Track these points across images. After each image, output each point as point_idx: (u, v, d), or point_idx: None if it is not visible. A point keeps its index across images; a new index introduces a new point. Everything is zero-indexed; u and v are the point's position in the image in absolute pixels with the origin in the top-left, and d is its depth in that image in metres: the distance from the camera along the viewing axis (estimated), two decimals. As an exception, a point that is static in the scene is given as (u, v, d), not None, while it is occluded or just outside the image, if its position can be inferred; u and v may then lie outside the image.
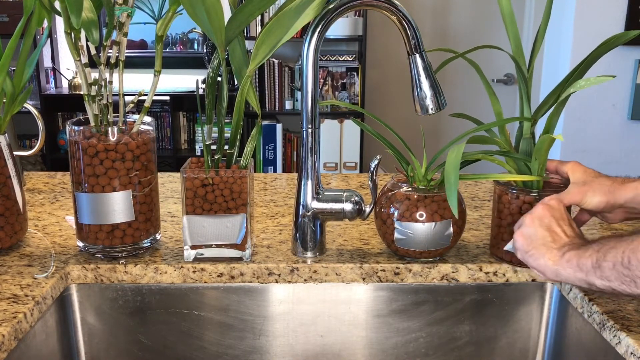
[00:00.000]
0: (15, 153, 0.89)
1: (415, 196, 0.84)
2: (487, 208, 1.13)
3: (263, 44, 0.78)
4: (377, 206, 0.87)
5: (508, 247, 0.81)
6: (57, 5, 0.78)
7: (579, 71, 0.80)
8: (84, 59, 0.81)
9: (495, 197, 0.89)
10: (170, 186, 1.25)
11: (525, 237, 0.75)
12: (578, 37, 2.87)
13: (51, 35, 3.59)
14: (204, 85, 0.84)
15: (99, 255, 0.86)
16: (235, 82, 2.16)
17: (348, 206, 0.85)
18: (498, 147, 0.87)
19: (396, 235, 0.84)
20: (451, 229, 0.84)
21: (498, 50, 0.87)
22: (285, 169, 3.64)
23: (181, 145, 3.74)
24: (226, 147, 0.85)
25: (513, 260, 0.85)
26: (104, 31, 0.82)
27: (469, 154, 0.82)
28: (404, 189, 0.85)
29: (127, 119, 0.86)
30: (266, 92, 3.55)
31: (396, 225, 0.83)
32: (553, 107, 0.83)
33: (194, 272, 0.85)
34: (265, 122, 3.51)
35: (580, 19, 2.85)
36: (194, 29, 3.65)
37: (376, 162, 0.83)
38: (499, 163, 0.88)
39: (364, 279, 0.87)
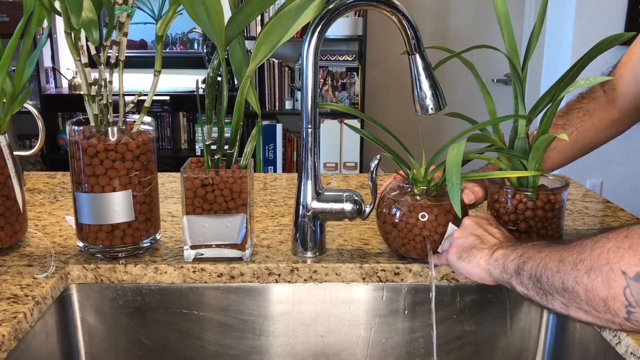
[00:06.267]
0: (15, 153, 0.89)
1: (417, 197, 0.84)
2: (487, 208, 1.13)
3: (263, 44, 0.78)
4: (379, 207, 0.87)
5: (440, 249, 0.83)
6: (57, 5, 0.78)
7: (574, 72, 0.80)
8: (84, 59, 0.81)
9: (490, 197, 0.89)
10: (170, 186, 1.25)
11: (457, 247, 0.77)
12: (578, 37, 2.88)
13: (51, 35, 3.59)
14: (204, 85, 0.84)
15: (99, 255, 0.86)
16: (235, 82, 2.16)
17: (348, 206, 0.85)
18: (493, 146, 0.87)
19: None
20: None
21: (498, 51, 0.87)
22: (285, 169, 3.64)
23: (181, 145, 3.75)
24: (226, 147, 0.85)
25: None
26: (104, 31, 0.82)
27: (463, 154, 0.82)
28: (405, 189, 0.85)
29: (127, 119, 0.86)
30: (266, 92, 3.56)
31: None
32: (548, 107, 0.83)
33: (194, 272, 0.85)
34: (265, 122, 3.52)
35: (580, 19, 2.85)
36: (194, 29, 3.65)
37: (376, 162, 0.83)
38: (495, 162, 0.88)
39: (364, 279, 0.87)
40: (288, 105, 3.58)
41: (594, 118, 1.01)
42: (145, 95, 0.85)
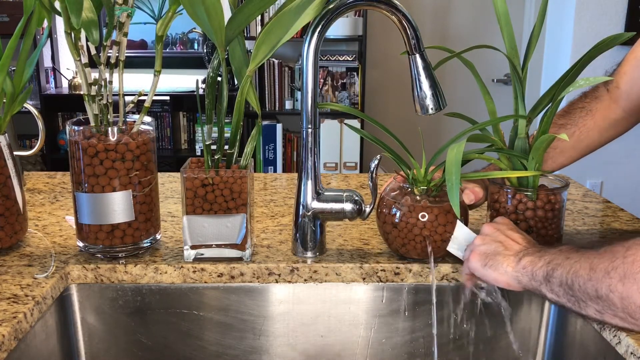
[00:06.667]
0: (15, 153, 0.89)
1: (417, 197, 0.84)
2: (487, 208, 1.13)
3: (263, 44, 0.78)
4: (379, 207, 0.87)
5: (451, 248, 0.82)
6: (57, 5, 0.78)
7: (574, 72, 0.80)
8: (84, 59, 0.81)
9: (490, 197, 0.89)
10: (170, 186, 1.25)
11: (480, 254, 0.76)
12: (578, 37, 2.88)
13: (51, 35, 3.59)
14: (204, 85, 0.84)
15: (99, 255, 0.86)
16: (235, 82, 2.16)
17: (348, 206, 0.85)
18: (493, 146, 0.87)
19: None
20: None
21: (498, 51, 0.87)
22: (285, 169, 3.64)
23: (181, 145, 3.74)
24: (226, 147, 0.85)
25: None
26: (104, 31, 0.82)
27: (463, 154, 0.82)
28: (405, 190, 0.85)
29: (127, 119, 0.86)
30: (266, 92, 3.56)
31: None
32: (548, 107, 0.83)
33: (194, 272, 0.85)
34: (265, 122, 3.52)
35: (580, 19, 2.85)
36: (194, 29, 3.65)
37: (376, 162, 0.83)
38: (495, 162, 0.88)
39: (364, 279, 0.87)
40: (288, 105, 3.58)
41: (597, 117, 1.00)
42: (145, 95, 0.85)
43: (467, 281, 0.81)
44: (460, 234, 0.82)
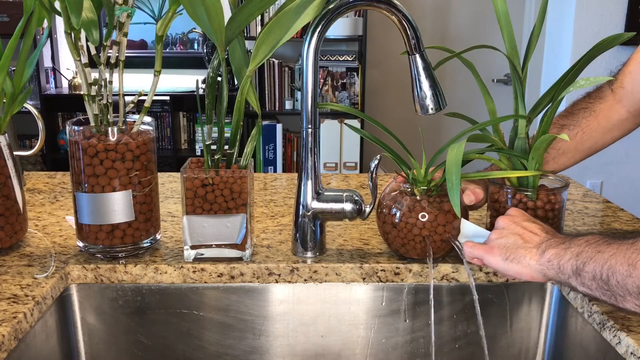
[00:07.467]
0: (15, 153, 0.89)
1: (417, 197, 0.84)
2: (487, 208, 1.13)
3: (263, 44, 0.78)
4: (379, 207, 0.87)
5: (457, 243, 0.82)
6: (57, 5, 0.78)
7: (574, 72, 0.80)
8: (84, 59, 0.81)
9: (490, 197, 0.89)
10: (170, 186, 1.25)
11: (499, 248, 0.75)
12: (578, 37, 2.88)
13: (51, 35, 3.59)
14: (204, 85, 0.84)
15: (99, 255, 0.86)
16: (235, 82, 2.16)
17: (348, 206, 0.85)
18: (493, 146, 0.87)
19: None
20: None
21: (498, 51, 0.87)
22: (285, 169, 3.64)
23: (181, 145, 3.75)
24: (226, 147, 0.85)
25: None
26: (104, 31, 0.82)
27: (463, 154, 0.82)
28: (406, 189, 0.85)
29: (127, 119, 0.86)
30: (266, 92, 3.56)
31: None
32: (548, 107, 0.83)
33: (194, 272, 0.85)
34: (265, 122, 3.52)
35: (580, 19, 2.86)
36: (194, 29, 3.65)
37: (376, 162, 0.83)
38: (495, 162, 0.88)
39: (364, 279, 0.87)
40: (288, 105, 3.58)
41: (600, 118, 0.99)
42: (145, 95, 0.85)
43: (471, 260, 0.80)
44: (468, 230, 0.82)
